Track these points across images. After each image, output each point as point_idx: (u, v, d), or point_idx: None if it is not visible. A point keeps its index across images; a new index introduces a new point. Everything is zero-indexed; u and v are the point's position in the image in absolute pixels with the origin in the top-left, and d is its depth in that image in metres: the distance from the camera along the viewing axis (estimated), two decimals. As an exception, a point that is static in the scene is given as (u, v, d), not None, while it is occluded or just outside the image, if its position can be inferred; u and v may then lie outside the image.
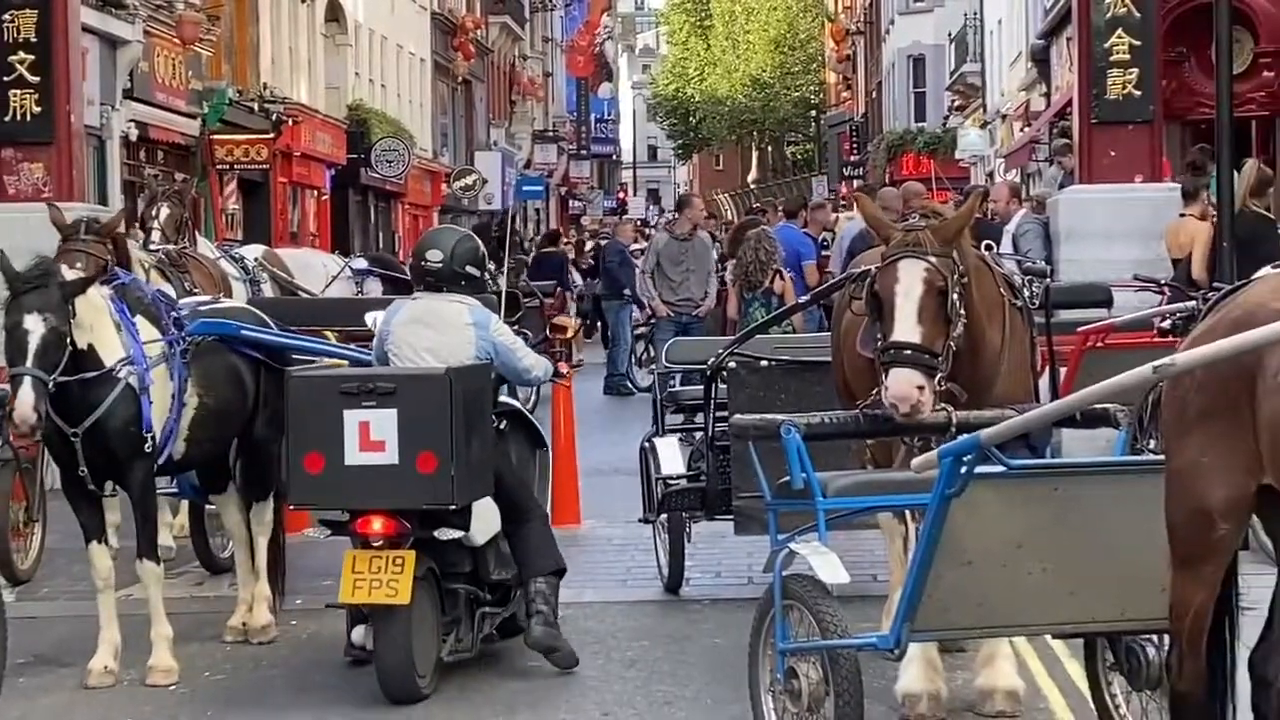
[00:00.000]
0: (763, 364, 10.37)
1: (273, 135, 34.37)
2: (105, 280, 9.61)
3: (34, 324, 8.78)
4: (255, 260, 15.44)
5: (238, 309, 10.65)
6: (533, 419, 10.34)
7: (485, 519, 9.16)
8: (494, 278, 9.85)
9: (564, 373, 10.62)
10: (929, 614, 6.81)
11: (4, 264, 9.08)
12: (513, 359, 9.34)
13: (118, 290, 9.52)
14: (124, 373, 9.17)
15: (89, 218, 11.93)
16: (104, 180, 26.54)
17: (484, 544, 9.24)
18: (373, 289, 17.86)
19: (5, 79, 16.08)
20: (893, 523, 8.64)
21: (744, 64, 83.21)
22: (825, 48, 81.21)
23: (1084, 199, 16.12)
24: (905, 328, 7.49)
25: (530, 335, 10.53)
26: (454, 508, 8.90)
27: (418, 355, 9.17)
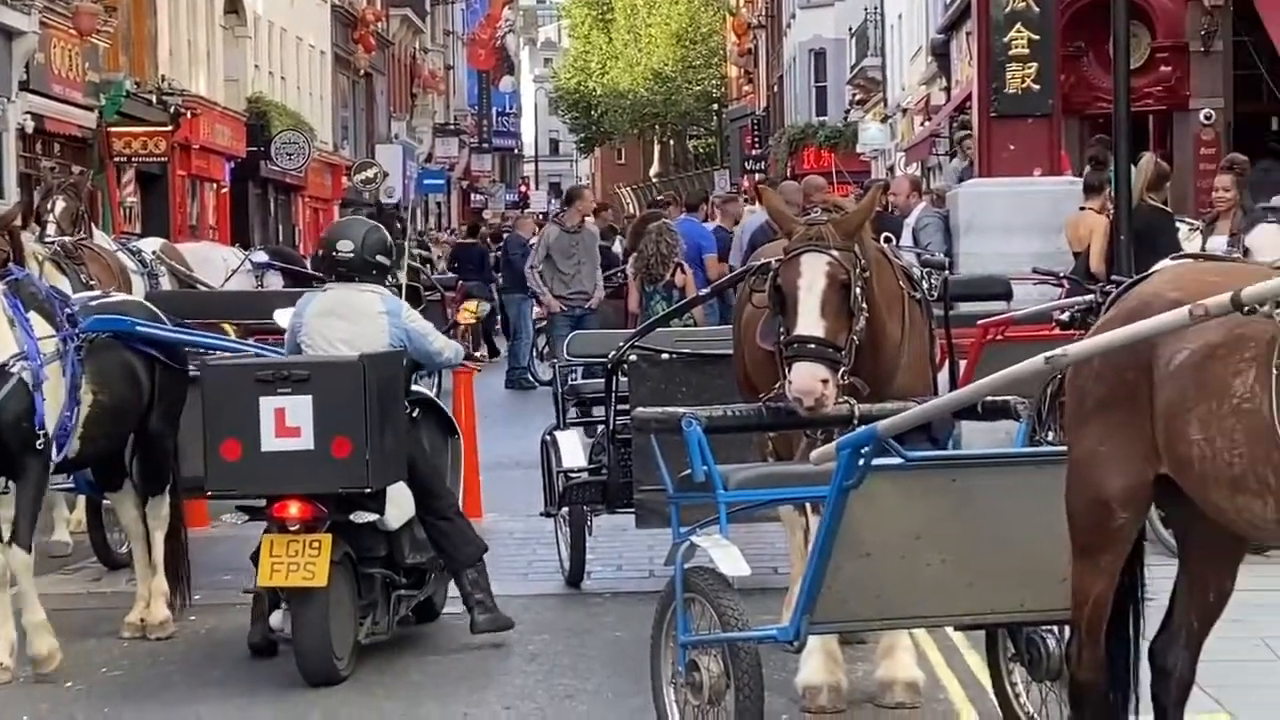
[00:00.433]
0: (664, 357, 10.39)
1: (171, 128, 34.14)
2: (-1, 276, 9.49)
3: (-74, 319, 8.66)
4: (153, 253, 15.33)
5: (131, 303, 10.53)
6: (444, 407, 10.49)
7: (399, 504, 9.34)
8: (393, 272, 9.88)
9: (477, 355, 10.77)
10: (828, 606, 6.83)
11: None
12: (425, 344, 9.51)
13: (11, 286, 9.39)
14: (17, 368, 9.06)
15: (-17, 212, 11.77)
16: (-1, 174, 26.31)
17: (398, 528, 9.42)
18: (273, 282, 17.77)
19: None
20: (794, 515, 8.65)
21: (646, 58, 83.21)
22: (727, 42, 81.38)
23: (983, 192, 16.21)
24: (809, 321, 7.51)
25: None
26: (369, 492, 9.05)
27: (332, 347, 9.30)
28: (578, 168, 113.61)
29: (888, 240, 9.70)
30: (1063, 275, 13.89)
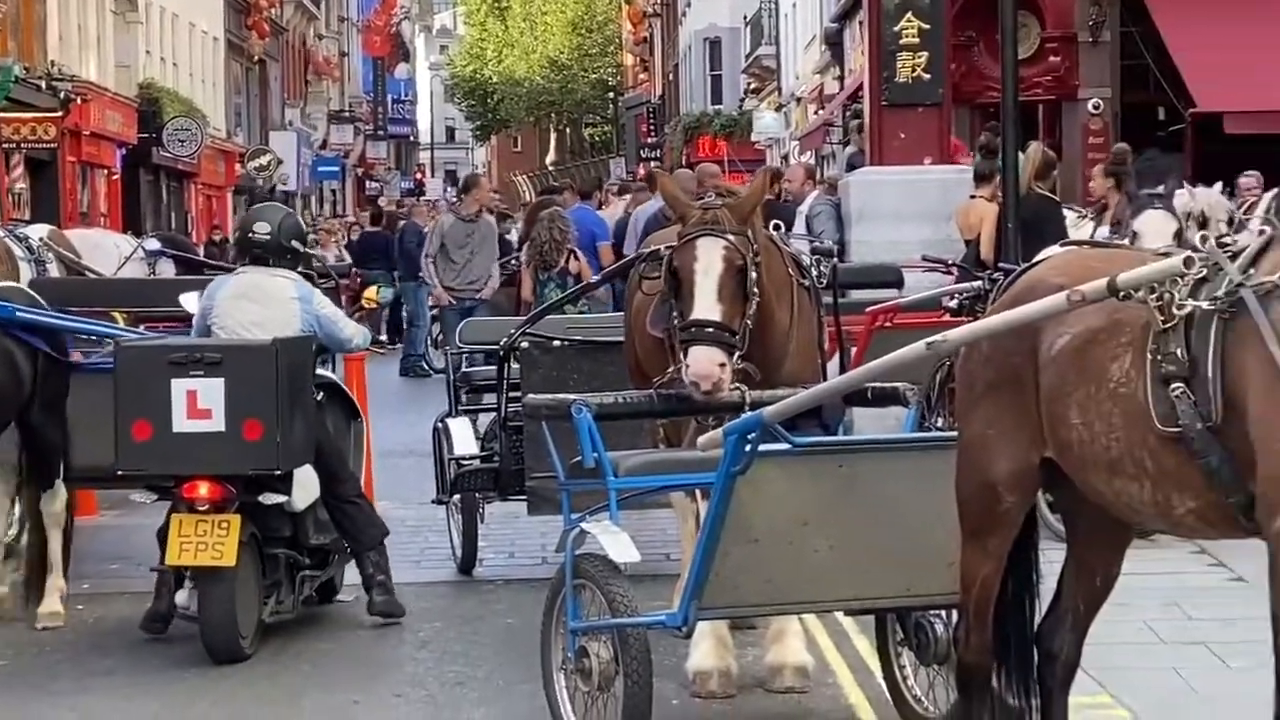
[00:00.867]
0: (555, 344, 10.38)
1: (61, 113, 33.83)
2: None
3: None
4: (40, 240, 15.13)
5: (9, 289, 10.34)
6: (349, 392, 10.62)
7: (306, 486, 9.48)
8: (308, 258, 10.00)
9: (381, 340, 10.87)
10: (717, 592, 6.85)
11: None
12: (335, 330, 9.69)
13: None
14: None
15: None
16: (-116, 160, 25.98)
17: (303, 510, 9.55)
18: (165, 270, 17.60)
19: None
20: (684, 502, 8.66)
21: (542, 45, 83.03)
22: (623, 30, 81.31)
23: (874, 180, 16.28)
24: (705, 305, 7.53)
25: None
26: (278, 473, 9.19)
27: (244, 330, 9.41)
28: (474, 155, 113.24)
29: (777, 228, 9.76)
30: (952, 263, 13.99)
